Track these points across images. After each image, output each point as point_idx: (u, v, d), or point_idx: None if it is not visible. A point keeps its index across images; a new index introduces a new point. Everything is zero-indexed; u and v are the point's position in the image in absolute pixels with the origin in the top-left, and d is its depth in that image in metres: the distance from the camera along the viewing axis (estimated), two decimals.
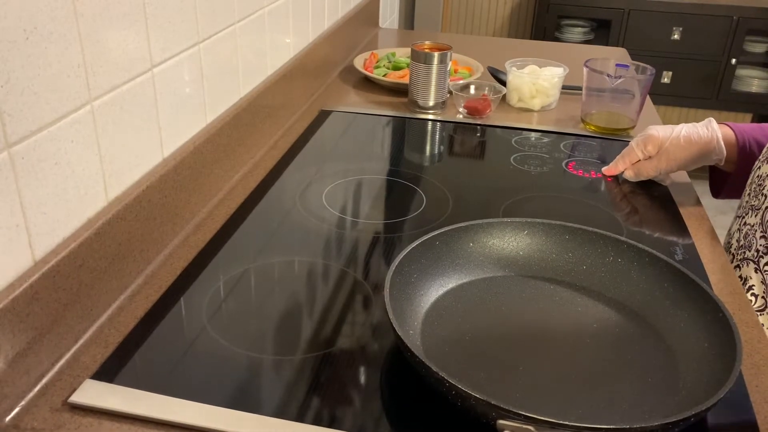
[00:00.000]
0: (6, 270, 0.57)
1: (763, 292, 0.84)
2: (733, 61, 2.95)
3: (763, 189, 0.87)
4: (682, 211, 0.95)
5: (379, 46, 1.72)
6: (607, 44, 2.90)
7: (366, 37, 1.74)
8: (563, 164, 1.09)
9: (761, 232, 0.84)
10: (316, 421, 0.58)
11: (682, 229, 0.91)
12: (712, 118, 1.00)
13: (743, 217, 0.91)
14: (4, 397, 0.57)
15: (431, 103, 1.26)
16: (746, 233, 0.89)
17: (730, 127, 0.99)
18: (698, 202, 1.00)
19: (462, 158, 1.13)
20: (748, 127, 1.00)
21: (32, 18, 0.56)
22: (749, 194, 0.91)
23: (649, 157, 1.00)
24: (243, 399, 0.60)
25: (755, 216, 0.87)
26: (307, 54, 1.25)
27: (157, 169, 0.78)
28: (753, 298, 0.85)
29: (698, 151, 0.97)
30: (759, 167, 0.90)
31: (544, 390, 0.61)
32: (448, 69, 1.24)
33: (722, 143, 0.97)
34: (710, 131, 0.97)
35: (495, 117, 1.26)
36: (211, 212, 0.90)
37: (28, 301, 0.58)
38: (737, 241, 0.92)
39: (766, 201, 0.86)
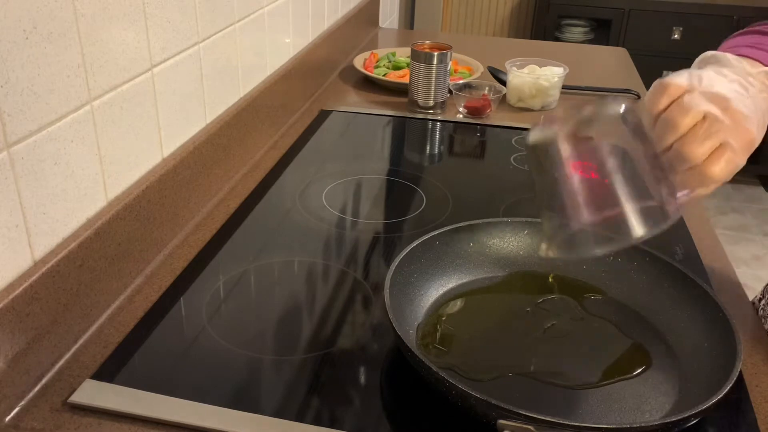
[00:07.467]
0: (6, 270, 0.57)
1: None
2: None
3: None
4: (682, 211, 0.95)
5: (379, 46, 1.72)
6: (607, 44, 2.90)
7: (366, 37, 1.74)
8: None
9: None
10: (316, 421, 0.58)
11: (682, 229, 0.91)
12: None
13: None
14: (3, 397, 0.57)
15: (431, 103, 1.26)
16: None
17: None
18: (698, 203, 1.00)
19: (462, 158, 1.13)
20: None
21: (32, 18, 0.56)
22: None
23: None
24: (243, 399, 0.60)
25: None
26: (307, 54, 1.25)
27: (156, 169, 0.78)
28: None
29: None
30: None
31: (544, 390, 0.61)
32: (448, 69, 1.24)
33: None
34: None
35: (495, 117, 1.26)
36: (211, 212, 0.90)
37: (28, 301, 0.58)
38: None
39: None
